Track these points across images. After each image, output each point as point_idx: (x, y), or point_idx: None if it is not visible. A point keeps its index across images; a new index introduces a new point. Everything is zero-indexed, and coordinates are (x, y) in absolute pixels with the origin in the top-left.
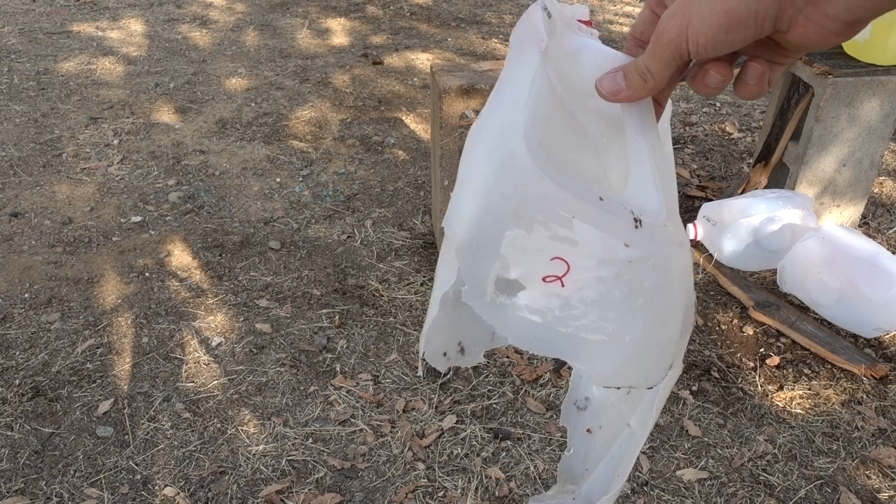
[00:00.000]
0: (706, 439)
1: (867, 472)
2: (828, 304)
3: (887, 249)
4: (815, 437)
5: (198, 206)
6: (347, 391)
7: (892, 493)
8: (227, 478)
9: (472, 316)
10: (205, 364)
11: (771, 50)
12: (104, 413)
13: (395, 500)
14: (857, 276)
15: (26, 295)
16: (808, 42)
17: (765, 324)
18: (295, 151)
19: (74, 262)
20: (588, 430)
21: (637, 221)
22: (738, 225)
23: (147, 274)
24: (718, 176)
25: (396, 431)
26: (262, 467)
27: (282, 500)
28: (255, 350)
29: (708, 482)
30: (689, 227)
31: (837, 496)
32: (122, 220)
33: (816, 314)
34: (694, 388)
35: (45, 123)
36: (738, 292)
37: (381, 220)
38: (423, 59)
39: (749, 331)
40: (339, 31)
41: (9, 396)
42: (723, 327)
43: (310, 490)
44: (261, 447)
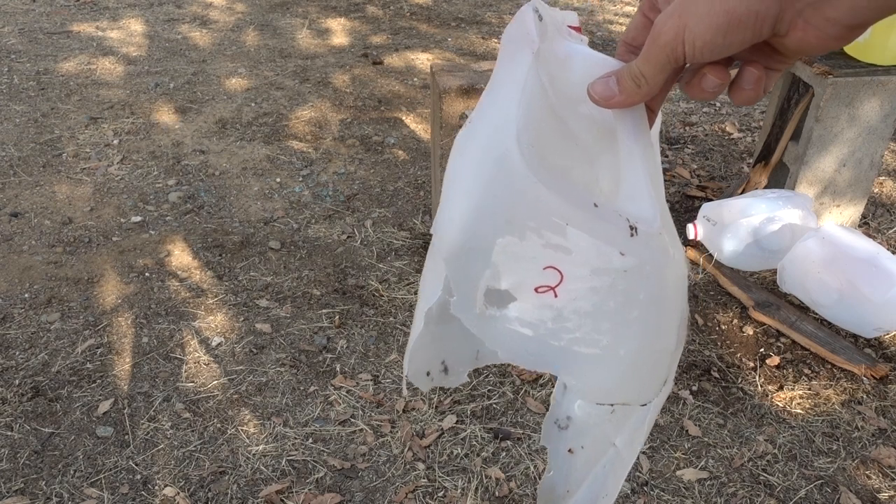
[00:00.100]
0: (706, 439)
1: (867, 472)
2: (828, 304)
3: (887, 249)
4: (815, 437)
5: (198, 206)
6: (347, 391)
7: (892, 493)
8: (227, 478)
9: (455, 333)
10: (205, 364)
11: (766, 55)
12: (104, 413)
13: (395, 500)
14: (857, 276)
15: (26, 295)
16: (806, 46)
17: (765, 324)
18: (295, 151)
19: (74, 262)
20: (570, 450)
21: (633, 229)
22: (738, 225)
23: (147, 274)
24: (718, 176)
25: (396, 431)
26: (262, 467)
27: (282, 500)
28: (255, 350)
29: (708, 482)
30: (689, 227)
31: (837, 496)
32: (122, 220)
33: (816, 314)
34: (694, 388)
35: (45, 123)
36: (738, 292)
37: (381, 220)
38: (423, 59)
39: (749, 331)
40: (339, 31)
41: (9, 396)
42: (723, 327)
43: (310, 490)
44: (261, 447)
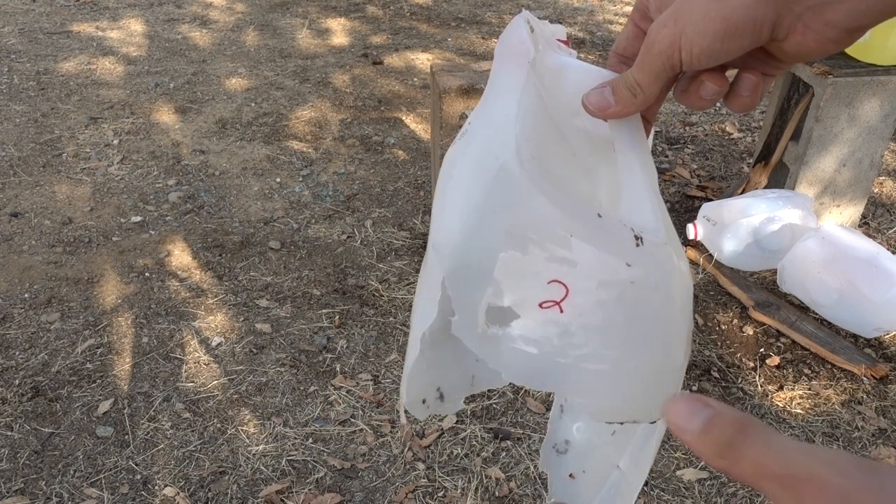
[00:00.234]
0: None
1: None
2: (828, 304)
3: (887, 249)
4: (815, 437)
5: (198, 206)
6: (347, 391)
7: None
8: (227, 478)
9: (450, 358)
10: (205, 364)
11: (762, 61)
12: (104, 413)
13: (395, 500)
14: (857, 276)
15: (26, 295)
16: (805, 50)
17: (765, 324)
18: (295, 151)
19: (74, 262)
20: (571, 475)
21: (638, 239)
22: (738, 225)
23: (147, 274)
24: (718, 176)
25: (396, 431)
26: (262, 467)
27: (282, 500)
28: (255, 350)
29: (708, 482)
30: (689, 227)
31: None
32: (122, 220)
33: (816, 314)
34: (694, 388)
35: (45, 123)
36: (738, 292)
37: (381, 220)
38: (423, 59)
39: (749, 331)
40: (339, 31)
41: (9, 396)
42: (723, 327)
43: (310, 490)
44: (261, 447)
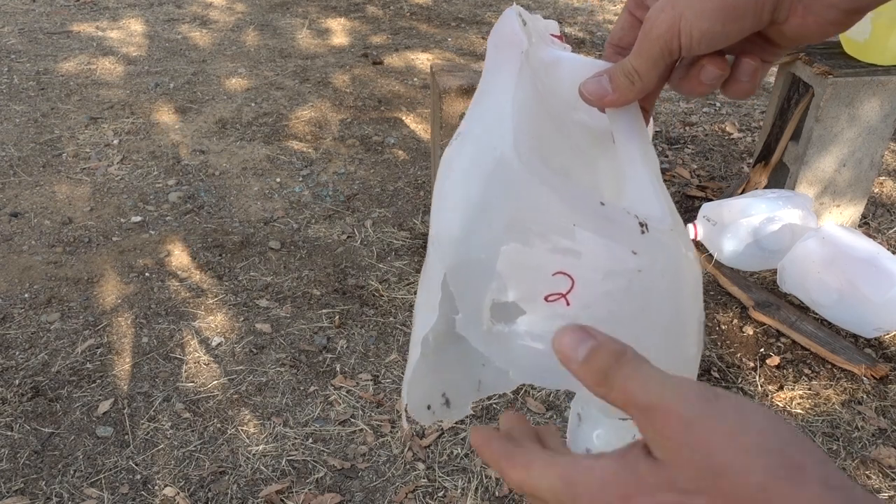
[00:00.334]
0: None
1: (867, 472)
2: (828, 304)
3: (887, 249)
4: (815, 437)
5: (198, 206)
6: (347, 391)
7: (892, 493)
8: (227, 478)
9: (455, 361)
10: (205, 364)
11: (759, 46)
12: (104, 413)
13: (395, 500)
14: (857, 276)
15: (26, 295)
16: (805, 33)
17: (765, 324)
18: (295, 151)
19: (74, 262)
20: None
21: (643, 226)
22: (738, 225)
23: (147, 274)
24: (718, 176)
25: (396, 431)
26: (262, 467)
27: (282, 500)
28: (255, 350)
29: None
30: (689, 227)
31: None
32: (122, 220)
33: (816, 314)
34: None
35: (45, 123)
36: (738, 292)
37: (381, 220)
38: (423, 59)
39: (749, 331)
40: (339, 31)
41: (9, 396)
42: (723, 327)
43: (310, 490)
44: (261, 447)
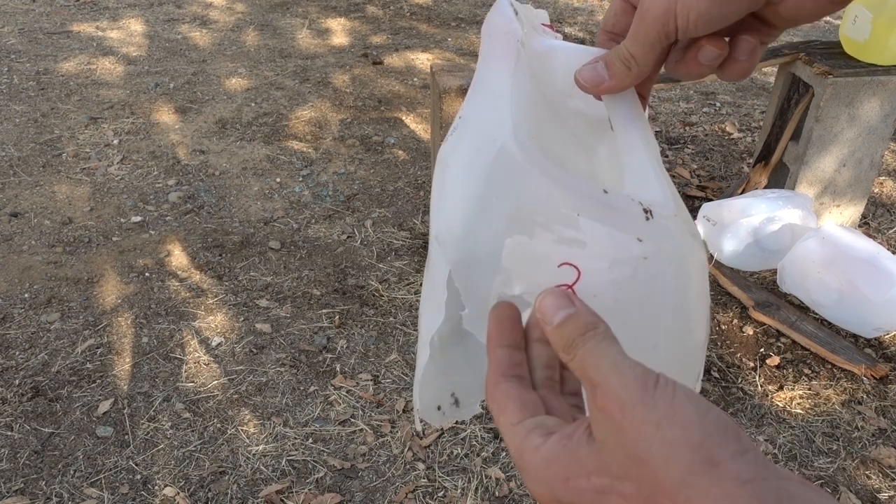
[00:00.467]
0: None
1: (867, 472)
2: (828, 304)
3: (887, 249)
4: (815, 437)
5: (198, 206)
6: (347, 391)
7: (892, 493)
8: (227, 478)
9: (462, 361)
10: (205, 364)
11: (754, 28)
12: (104, 413)
13: (395, 500)
14: (857, 276)
15: (26, 295)
16: (801, 12)
17: (765, 324)
18: (295, 151)
19: (74, 262)
20: None
21: (647, 213)
22: (738, 225)
23: (147, 274)
24: (718, 176)
25: (396, 431)
26: (262, 467)
27: (282, 500)
28: (255, 350)
29: None
30: None
31: (837, 496)
32: (122, 220)
33: (816, 314)
34: None
35: (45, 123)
36: (738, 292)
37: (381, 220)
38: (423, 59)
39: (749, 331)
40: (339, 31)
41: (9, 396)
42: (723, 327)
43: (310, 490)
44: (261, 447)
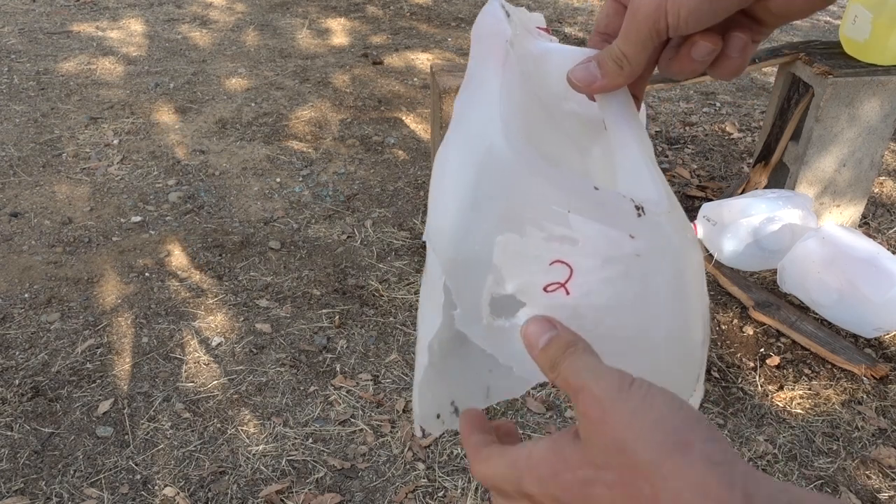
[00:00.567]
0: None
1: (867, 472)
2: (828, 304)
3: (887, 249)
4: (815, 437)
5: (198, 206)
6: (347, 391)
7: (892, 493)
8: (227, 478)
9: (461, 368)
10: (205, 364)
11: (744, 25)
12: (104, 413)
13: (395, 500)
14: (857, 276)
15: (26, 295)
16: (791, 9)
17: (765, 324)
18: (295, 151)
19: (74, 262)
20: None
21: (639, 209)
22: (738, 225)
23: (147, 274)
24: (718, 176)
25: (396, 431)
26: (262, 467)
27: (282, 500)
28: (255, 350)
29: None
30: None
31: (837, 496)
32: (122, 220)
33: (816, 314)
34: None
35: (45, 123)
36: (738, 292)
37: (381, 220)
38: (423, 59)
39: (749, 331)
40: (339, 31)
41: (9, 396)
42: (723, 327)
43: (310, 490)
44: (261, 447)
